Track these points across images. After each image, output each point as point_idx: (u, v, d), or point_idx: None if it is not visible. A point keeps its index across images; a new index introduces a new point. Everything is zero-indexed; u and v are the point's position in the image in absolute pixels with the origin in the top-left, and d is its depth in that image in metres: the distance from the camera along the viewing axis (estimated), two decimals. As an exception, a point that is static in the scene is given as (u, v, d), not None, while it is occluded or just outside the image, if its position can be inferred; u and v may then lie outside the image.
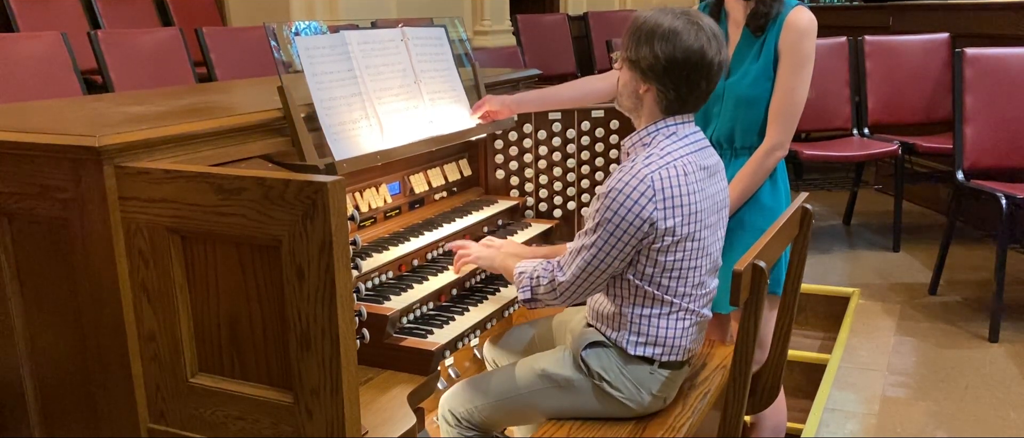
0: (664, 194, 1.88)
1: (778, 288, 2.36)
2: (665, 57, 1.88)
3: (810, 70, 2.40)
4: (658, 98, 1.96)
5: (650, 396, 2.05)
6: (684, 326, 2.03)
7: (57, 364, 1.85)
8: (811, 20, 2.37)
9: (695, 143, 1.99)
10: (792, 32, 2.36)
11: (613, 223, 1.89)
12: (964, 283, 4.36)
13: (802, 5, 2.40)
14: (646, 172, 1.89)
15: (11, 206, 1.77)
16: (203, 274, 1.64)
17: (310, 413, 1.58)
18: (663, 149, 1.94)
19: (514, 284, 2.11)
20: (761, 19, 2.38)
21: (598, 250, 1.92)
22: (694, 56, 1.88)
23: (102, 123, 1.83)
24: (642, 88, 1.96)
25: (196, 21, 5.76)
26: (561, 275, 1.99)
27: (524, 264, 2.10)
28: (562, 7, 8.24)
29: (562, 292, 2.00)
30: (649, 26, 1.91)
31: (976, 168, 4.09)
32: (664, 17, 1.91)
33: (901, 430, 3.04)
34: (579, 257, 1.95)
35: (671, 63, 1.89)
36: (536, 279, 2.04)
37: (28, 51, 4.24)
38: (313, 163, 2.01)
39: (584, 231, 1.97)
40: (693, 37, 1.88)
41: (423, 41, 2.52)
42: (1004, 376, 3.41)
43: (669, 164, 1.91)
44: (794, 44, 2.36)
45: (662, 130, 1.97)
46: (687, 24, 1.89)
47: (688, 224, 1.92)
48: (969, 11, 5.45)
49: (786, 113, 2.39)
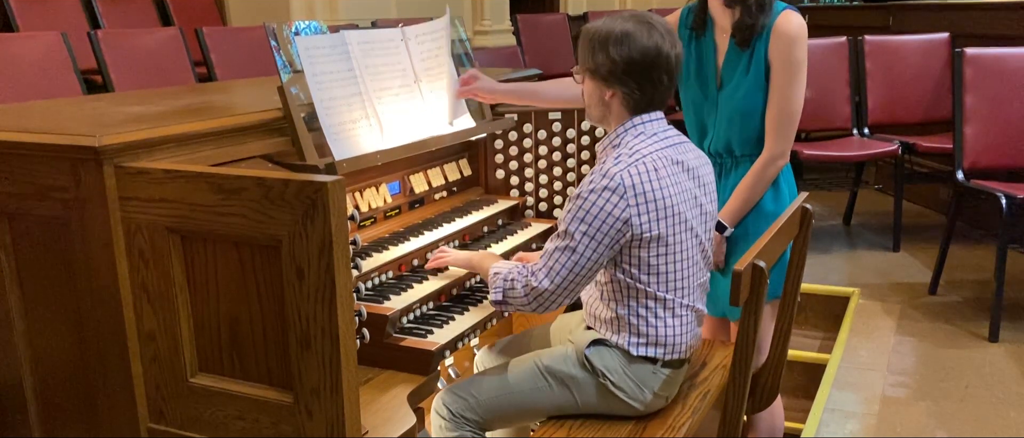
0: (635, 192, 1.89)
1: (777, 290, 2.34)
2: (623, 59, 1.92)
3: (804, 75, 2.33)
4: (624, 100, 1.98)
5: (652, 395, 2.05)
6: (682, 321, 2.03)
7: (57, 364, 1.85)
8: (800, 25, 2.31)
9: (666, 139, 2.00)
10: (781, 40, 2.29)
11: (587, 224, 1.89)
12: (964, 283, 4.36)
13: (790, 9, 2.33)
14: (615, 171, 1.90)
15: (11, 206, 1.77)
16: (203, 274, 1.64)
17: (310, 413, 1.58)
18: (631, 148, 1.95)
19: (488, 283, 2.09)
20: (746, 32, 2.31)
21: (576, 254, 1.91)
22: (651, 54, 1.92)
23: (102, 123, 1.83)
24: (607, 94, 1.98)
25: (196, 21, 5.76)
26: (536, 281, 1.96)
27: (500, 265, 2.09)
28: (562, 7, 8.25)
29: (537, 298, 1.97)
30: (602, 34, 1.94)
31: (976, 168, 4.09)
32: (614, 23, 1.94)
33: (901, 430, 3.04)
34: (556, 263, 1.93)
35: (630, 64, 1.92)
36: (510, 282, 2.01)
37: (28, 51, 4.24)
38: (313, 163, 2.01)
39: (556, 234, 1.96)
40: (646, 36, 1.91)
41: (423, 41, 2.51)
42: (1004, 376, 3.41)
43: (637, 161, 1.92)
44: (785, 52, 2.30)
45: (630, 130, 1.99)
46: (637, 24, 1.93)
47: (664, 219, 1.92)
48: (969, 11, 5.45)
49: (784, 123, 2.34)
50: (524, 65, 5.93)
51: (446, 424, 2.11)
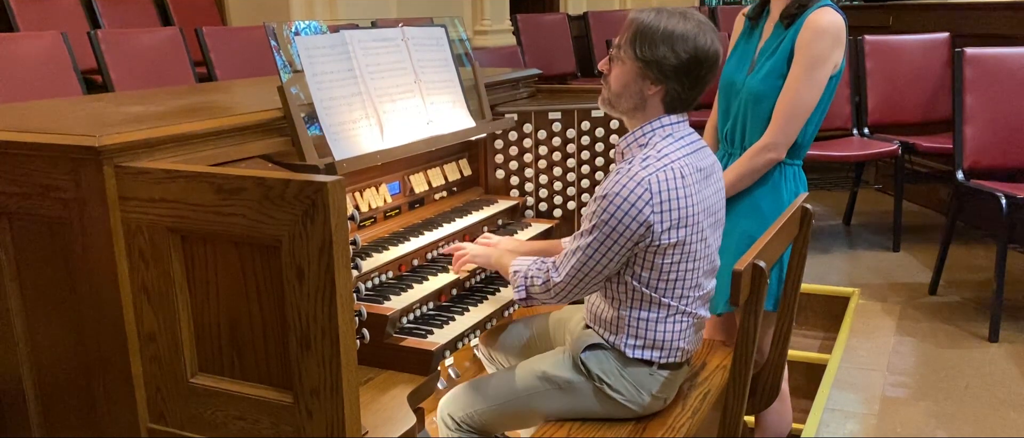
0: (661, 197, 1.88)
1: (774, 302, 2.33)
2: (688, 57, 1.90)
3: (822, 74, 2.30)
4: (665, 97, 1.96)
5: (650, 397, 2.05)
6: (681, 328, 2.03)
7: (57, 364, 1.85)
8: (831, 22, 2.29)
9: (691, 144, 1.99)
10: (808, 30, 2.29)
11: (609, 226, 1.89)
12: (964, 283, 4.36)
13: (830, 7, 2.31)
14: (644, 175, 1.89)
15: (11, 206, 1.77)
16: (203, 274, 1.64)
17: (310, 413, 1.58)
18: (660, 151, 1.94)
19: (509, 282, 2.12)
20: (796, 8, 2.32)
21: (594, 251, 1.93)
22: (711, 56, 1.93)
23: (102, 123, 1.82)
24: (651, 89, 1.95)
25: (196, 21, 5.76)
26: (556, 275, 2.00)
27: (519, 262, 2.11)
28: (562, 7, 8.24)
29: (557, 292, 2.01)
30: (665, 28, 1.91)
31: (976, 168, 4.09)
32: (672, 20, 1.92)
33: (901, 430, 3.04)
34: (575, 258, 1.96)
35: (691, 63, 1.91)
36: (530, 278, 2.05)
37: (28, 51, 4.24)
38: (313, 163, 2.01)
39: (580, 232, 1.97)
40: (707, 39, 1.92)
41: (423, 41, 2.52)
42: (1004, 376, 3.41)
43: (666, 167, 1.91)
44: (808, 43, 2.29)
45: (658, 130, 1.97)
46: (696, 25, 1.92)
47: (684, 227, 1.92)
48: (969, 11, 5.45)
49: (787, 113, 2.32)
50: (524, 65, 5.92)
51: (452, 433, 2.14)
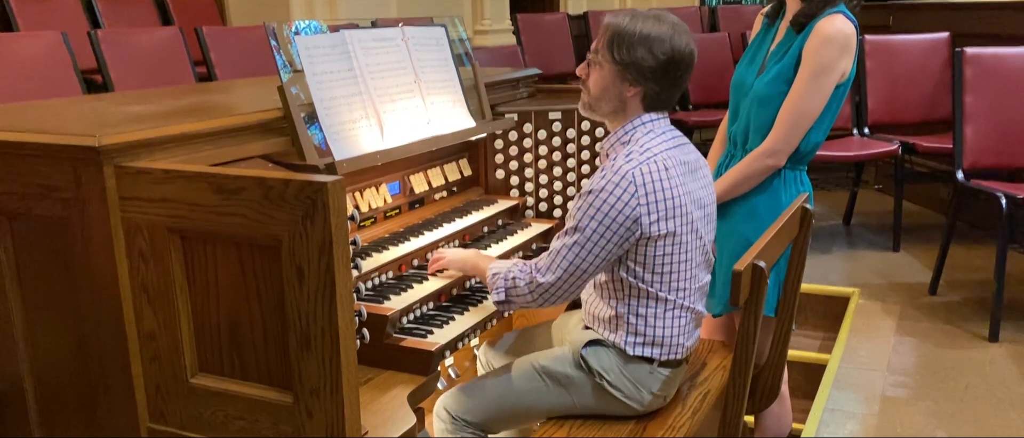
0: (647, 189, 1.89)
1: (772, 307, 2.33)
2: (665, 58, 1.92)
3: (828, 82, 2.28)
4: (644, 98, 1.98)
5: (650, 395, 2.05)
6: (681, 323, 2.03)
7: (57, 364, 1.85)
8: (840, 30, 2.26)
9: (673, 139, 2.01)
10: (816, 37, 2.27)
11: (597, 221, 1.89)
12: (964, 283, 4.36)
13: (843, 14, 2.29)
14: (628, 168, 1.90)
15: (11, 206, 1.77)
16: (203, 274, 1.64)
17: (310, 413, 1.58)
18: (643, 145, 1.95)
19: (487, 285, 2.09)
20: (804, 17, 2.31)
21: (583, 250, 1.92)
22: (687, 57, 1.95)
23: (102, 123, 1.83)
24: (630, 91, 1.97)
25: (196, 21, 5.75)
26: (541, 276, 1.97)
27: (498, 265, 2.09)
28: (562, 6, 8.24)
29: (542, 293, 1.98)
30: (641, 31, 1.93)
31: (976, 168, 4.09)
32: (647, 23, 1.94)
33: (901, 430, 3.04)
34: (562, 258, 1.94)
35: (668, 64, 1.93)
36: (511, 280, 2.02)
37: (28, 51, 4.23)
38: (313, 163, 2.01)
39: (564, 231, 1.97)
40: (682, 40, 1.94)
41: (423, 41, 2.52)
42: (1004, 376, 3.41)
43: (650, 159, 1.92)
44: (814, 50, 2.27)
45: (639, 127, 1.99)
46: (671, 27, 1.94)
47: (672, 218, 1.92)
48: (969, 11, 5.45)
49: (790, 121, 2.30)
50: (524, 65, 5.92)
51: (447, 427, 2.12)
